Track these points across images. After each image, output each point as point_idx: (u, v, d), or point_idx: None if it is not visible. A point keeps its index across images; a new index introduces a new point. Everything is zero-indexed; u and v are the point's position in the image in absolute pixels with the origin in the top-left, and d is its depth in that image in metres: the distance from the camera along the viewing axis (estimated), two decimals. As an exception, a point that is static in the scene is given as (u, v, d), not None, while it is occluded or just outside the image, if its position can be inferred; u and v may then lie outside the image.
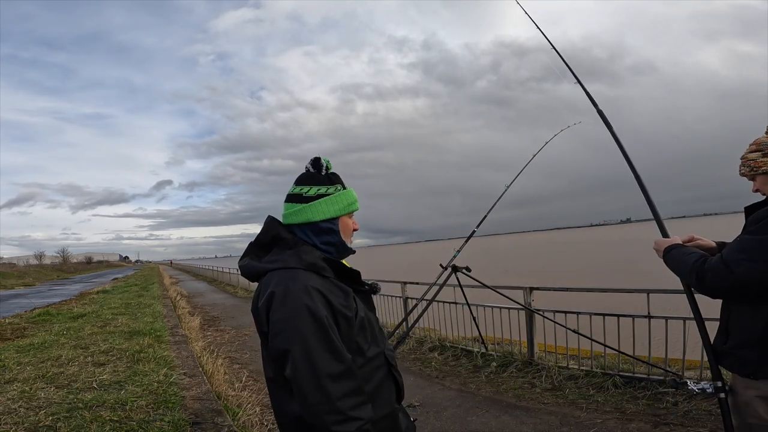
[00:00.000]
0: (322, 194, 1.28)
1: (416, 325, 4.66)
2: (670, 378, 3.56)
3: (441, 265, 3.64)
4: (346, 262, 1.36)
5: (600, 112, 2.16)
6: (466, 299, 4.81)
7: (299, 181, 1.31)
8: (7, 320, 8.36)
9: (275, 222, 1.30)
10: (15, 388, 3.79)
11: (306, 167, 1.33)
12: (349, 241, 1.34)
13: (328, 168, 1.32)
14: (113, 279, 26.21)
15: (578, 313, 4.23)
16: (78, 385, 3.84)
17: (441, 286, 3.67)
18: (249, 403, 3.69)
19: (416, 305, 4.53)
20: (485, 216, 3.73)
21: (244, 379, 4.53)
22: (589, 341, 3.99)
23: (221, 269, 22.97)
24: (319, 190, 1.28)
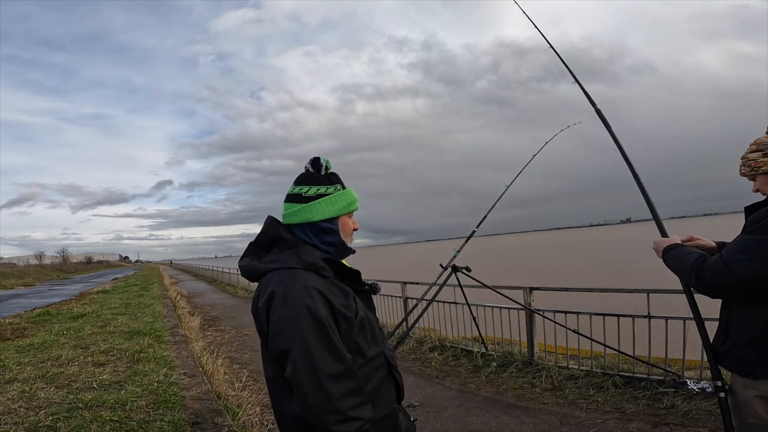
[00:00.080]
0: (322, 194, 1.28)
1: (416, 325, 4.66)
2: (670, 378, 3.56)
3: (441, 265, 3.64)
4: (346, 262, 1.36)
5: (598, 112, 2.16)
6: (466, 299, 4.81)
7: (299, 181, 1.31)
8: (7, 320, 8.36)
9: (275, 222, 1.30)
10: (15, 388, 3.79)
11: (305, 167, 1.33)
12: (349, 241, 1.34)
13: (328, 168, 1.32)
14: (113, 279, 26.21)
15: (578, 313, 4.23)
16: (78, 385, 3.84)
17: (441, 286, 3.67)
18: (249, 403, 3.69)
19: (416, 305, 4.53)
20: (485, 216, 3.73)
21: (244, 379, 4.52)
22: (589, 341, 3.99)
23: (221, 269, 22.97)
24: (319, 190, 1.28)
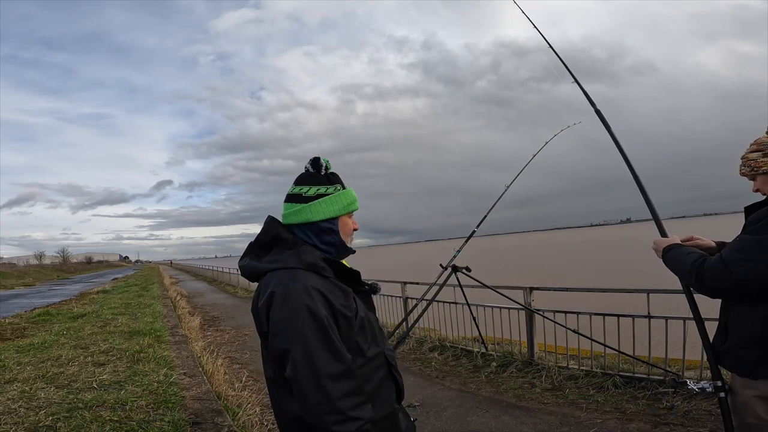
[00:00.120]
0: (322, 194, 1.28)
1: (416, 325, 4.66)
2: (670, 378, 3.56)
3: (441, 265, 3.64)
4: (346, 262, 1.36)
5: (598, 112, 2.16)
6: (466, 299, 4.81)
7: (299, 181, 1.31)
8: (7, 320, 8.35)
9: (275, 222, 1.30)
10: (15, 388, 3.79)
11: (305, 167, 1.33)
12: (349, 241, 1.34)
13: (328, 168, 1.32)
14: (113, 279, 26.21)
15: (578, 313, 4.23)
16: (78, 385, 3.84)
17: (441, 286, 3.67)
18: (249, 403, 3.69)
19: (416, 305, 4.54)
20: (485, 216, 3.73)
21: (244, 379, 4.52)
22: (589, 341, 3.99)
23: (221, 269, 22.97)
24: (319, 190, 1.28)
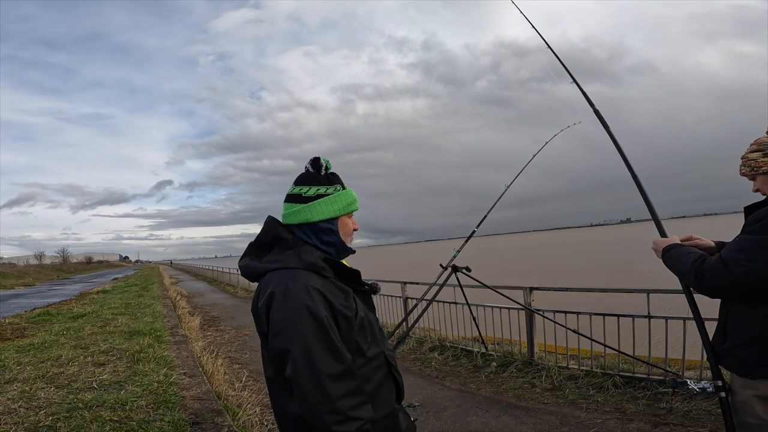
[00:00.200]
0: (322, 194, 1.28)
1: (416, 325, 4.66)
2: (670, 378, 3.56)
3: (441, 265, 3.64)
4: (346, 262, 1.36)
5: (597, 112, 2.16)
6: (466, 299, 4.81)
7: (298, 181, 1.31)
8: (7, 320, 8.36)
9: (275, 222, 1.30)
10: (15, 388, 3.79)
11: (305, 167, 1.32)
12: (349, 241, 1.34)
13: (328, 168, 1.32)
14: (113, 279, 26.21)
15: (578, 313, 4.23)
16: (78, 385, 3.84)
17: (441, 286, 3.67)
18: (249, 403, 3.69)
19: (416, 305, 4.53)
20: (485, 216, 3.73)
21: (244, 379, 4.52)
22: (589, 341, 3.99)
23: (221, 269, 22.97)
24: (318, 191, 1.28)
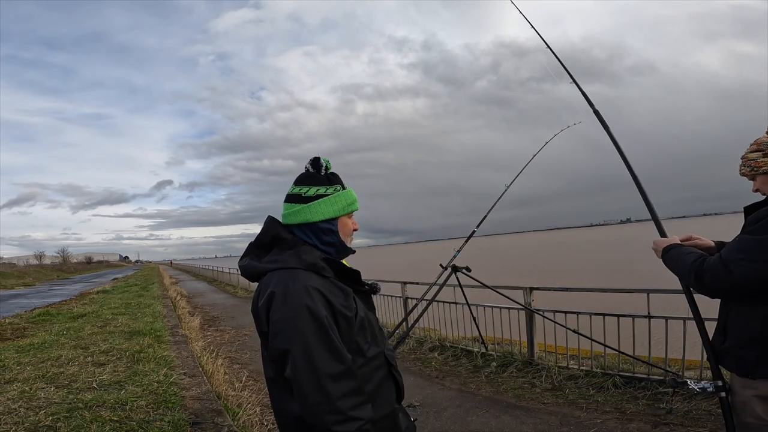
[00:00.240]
0: (321, 195, 1.27)
1: (416, 325, 4.66)
2: (670, 378, 3.56)
3: (441, 265, 3.64)
4: (346, 262, 1.36)
5: (596, 113, 2.16)
6: (466, 299, 4.81)
7: (298, 182, 1.31)
8: (7, 320, 8.36)
9: (275, 222, 1.30)
10: (15, 388, 3.79)
11: (305, 167, 1.32)
12: (349, 241, 1.34)
13: (328, 168, 1.32)
14: (113, 279, 26.21)
15: (578, 313, 4.23)
16: (78, 385, 3.84)
17: (441, 286, 3.67)
18: (249, 403, 3.69)
19: (416, 305, 4.53)
20: (485, 216, 3.73)
21: (244, 379, 4.52)
22: (589, 341, 3.99)
23: (221, 269, 22.97)
24: (318, 191, 1.27)
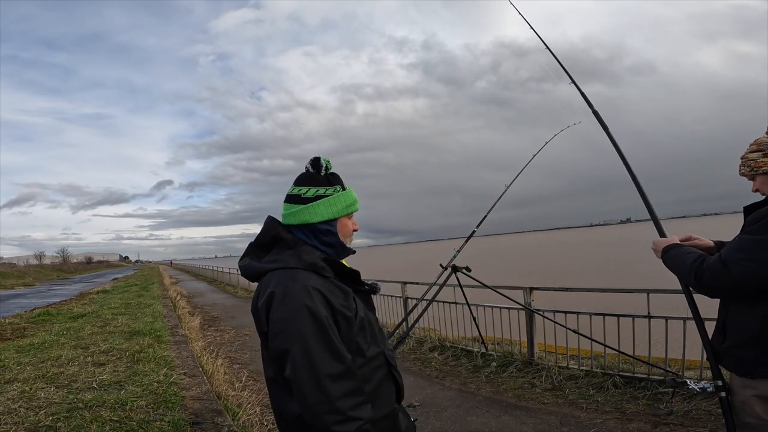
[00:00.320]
0: (321, 195, 1.27)
1: (416, 325, 4.66)
2: (670, 378, 3.56)
3: (441, 265, 3.64)
4: (346, 262, 1.36)
5: (595, 113, 2.16)
6: (466, 299, 4.81)
7: (298, 182, 1.30)
8: (7, 320, 8.35)
9: (275, 222, 1.30)
10: (15, 388, 3.79)
11: (306, 167, 1.32)
12: (349, 242, 1.34)
13: (328, 168, 1.31)
14: (113, 279, 26.20)
15: (578, 313, 4.23)
16: (78, 385, 3.84)
17: (441, 286, 3.67)
18: (249, 403, 3.70)
19: (416, 305, 4.54)
20: (485, 216, 3.73)
21: (244, 379, 4.52)
22: (589, 341, 3.99)
23: (221, 269, 22.97)
24: (318, 191, 1.27)
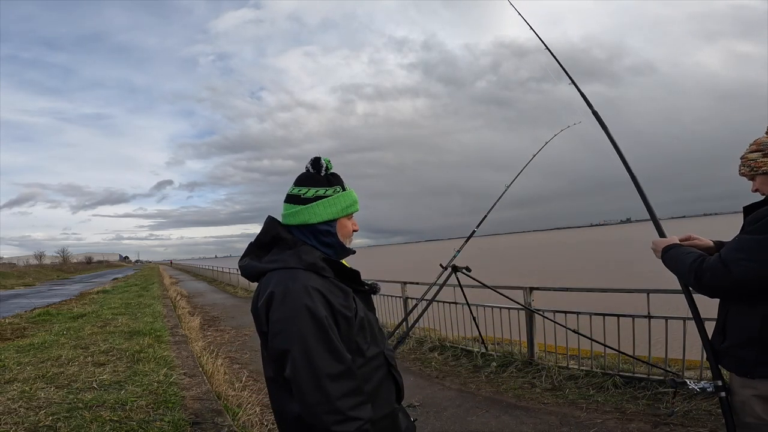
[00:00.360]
0: (321, 196, 1.27)
1: (416, 325, 4.66)
2: (670, 378, 3.56)
3: (441, 265, 3.64)
4: (346, 262, 1.36)
5: (595, 113, 2.15)
6: (466, 299, 4.81)
7: (298, 182, 1.30)
8: (7, 320, 8.35)
9: (275, 222, 1.30)
10: (15, 388, 3.79)
11: (306, 167, 1.32)
12: (348, 242, 1.34)
13: (329, 168, 1.31)
14: (113, 279, 26.20)
15: (578, 313, 4.23)
16: (78, 385, 3.84)
17: (441, 286, 3.67)
18: (249, 403, 3.70)
19: (416, 305, 4.54)
20: (485, 216, 3.73)
21: (244, 379, 4.52)
22: (589, 341, 3.99)
23: (221, 269, 22.97)
24: (318, 192, 1.27)
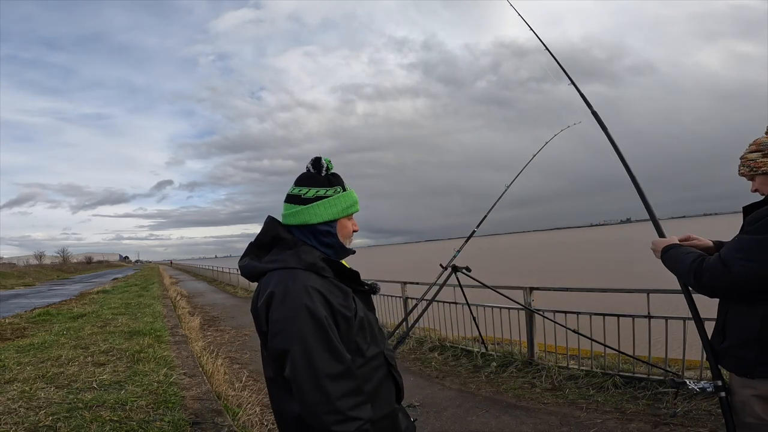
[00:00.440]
0: (321, 196, 1.27)
1: (416, 325, 4.66)
2: (670, 378, 3.56)
3: (441, 265, 3.64)
4: (346, 263, 1.36)
5: (595, 114, 2.16)
6: (466, 299, 4.81)
7: (299, 182, 1.30)
8: (7, 320, 8.35)
9: (275, 222, 1.30)
10: (15, 388, 3.79)
11: (306, 167, 1.32)
12: (348, 243, 1.34)
13: (329, 168, 1.31)
14: (113, 279, 26.20)
15: (578, 313, 4.23)
16: (78, 385, 3.84)
17: (441, 286, 3.67)
18: (249, 403, 3.70)
19: (416, 305, 4.54)
20: (485, 216, 3.73)
21: (244, 379, 4.52)
22: (589, 341, 3.99)
23: (221, 269, 22.98)
24: (318, 192, 1.27)
